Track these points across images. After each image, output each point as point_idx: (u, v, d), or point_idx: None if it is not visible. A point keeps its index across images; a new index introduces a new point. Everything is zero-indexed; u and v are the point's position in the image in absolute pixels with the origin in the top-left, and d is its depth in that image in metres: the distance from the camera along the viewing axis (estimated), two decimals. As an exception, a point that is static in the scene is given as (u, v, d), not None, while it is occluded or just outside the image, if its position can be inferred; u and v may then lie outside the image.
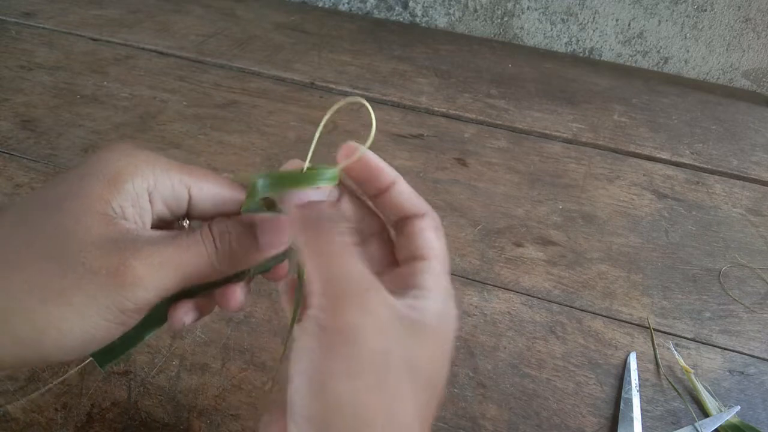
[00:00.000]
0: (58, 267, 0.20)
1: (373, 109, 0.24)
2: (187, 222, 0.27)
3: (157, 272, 0.22)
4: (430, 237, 0.24)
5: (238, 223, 0.25)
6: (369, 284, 0.21)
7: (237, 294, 0.27)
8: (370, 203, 0.26)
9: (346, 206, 0.26)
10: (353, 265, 0.21)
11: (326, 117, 0.23)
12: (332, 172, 0.23)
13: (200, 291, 0.27)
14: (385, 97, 0.71)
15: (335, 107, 0.23)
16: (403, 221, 0.25)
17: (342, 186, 0.26)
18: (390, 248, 0.26)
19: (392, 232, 0.26)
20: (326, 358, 0.19)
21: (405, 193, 0.25)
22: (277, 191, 0.23)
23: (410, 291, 0.23)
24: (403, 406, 0.20)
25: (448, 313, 0.23)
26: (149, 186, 0.23)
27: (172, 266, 0.22)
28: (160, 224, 0.25)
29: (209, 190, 0.25)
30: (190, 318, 0.26)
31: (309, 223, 0.22)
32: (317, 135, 0.23)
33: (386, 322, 0.20)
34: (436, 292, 0.23)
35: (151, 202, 0.24)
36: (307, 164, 0.24)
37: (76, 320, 0.21)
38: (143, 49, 0.79)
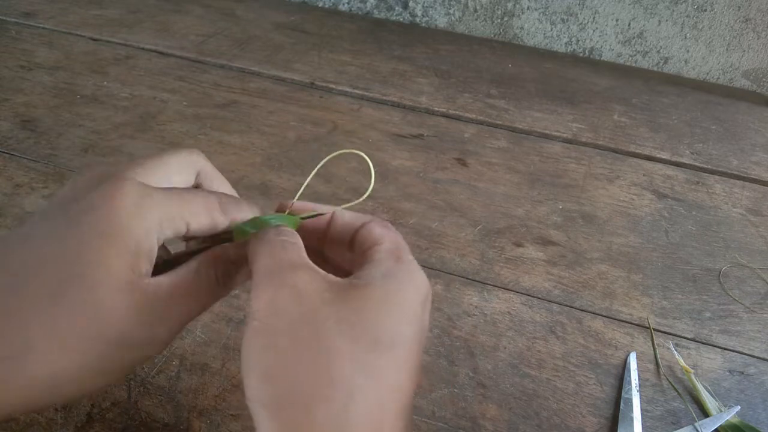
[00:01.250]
0: (98, 349, 0.21)
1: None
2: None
3: (176, 329, 0.24)
4: (378, 230, 0.26)
5: (234, 256, 0.27)
6: (296, 265, 0.23)
7: None
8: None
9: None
10: (284, 254, 0.23)
11: (321, 164, 0.27)
12: (295, 219, 0.27)
13: None
14: (385, 97, 0.71)
15: (330, 156, 0.27)
16: (353, 236, 0.27)
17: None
18: None
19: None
20: (253, 337, 0.21)
21: (345, 215, 0.27)
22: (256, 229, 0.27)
23: (359, 267, 0.24)
24: (338, 363, 0.20)
25: (397, 273, 0.23)
26: (158, 236, 0.24)
27: (187, 317, 0.24)
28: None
29: (205, 221, 0.26)
30: None
31: (258, 235, 0.25)
32: (310, 177, 0.27)
33: (308, 290, 0.22)
34: (381, 260, 0.24)
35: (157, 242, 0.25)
36: (296, 198, 0.28)
37: (101, 381, 0.22)
38: (143, 49, 0.79)
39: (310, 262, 0.24)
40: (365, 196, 0.26)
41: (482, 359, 0.41)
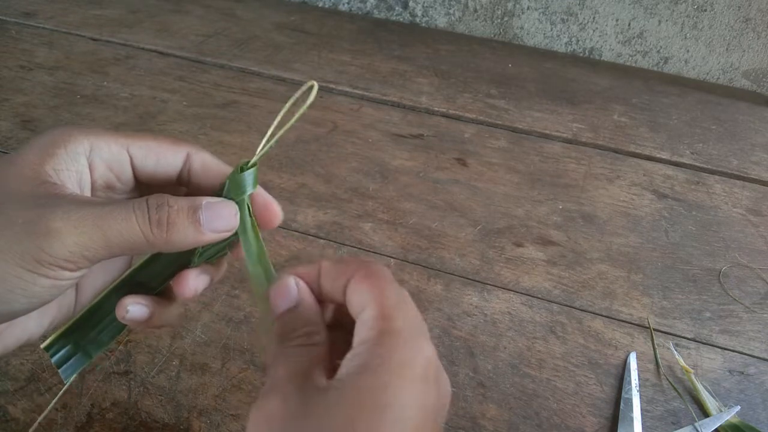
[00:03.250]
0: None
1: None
2: None
3: (75, 227, 0.21)
4: (361, 289, 0.22)
5: (181, 198, 0.23)
6: (275, 385, 0.21)
7: (188, 280, 0.26)
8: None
9: (306, 307, 0.24)
10: (283, 369, 0.21)
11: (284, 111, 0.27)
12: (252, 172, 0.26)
13: (154, 287, 0.27)
14: (385, 97, 0.71)
15: (292, 99, 0.26)
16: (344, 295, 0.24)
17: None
18: None
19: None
20: None
21: (331, 270, 0.24)
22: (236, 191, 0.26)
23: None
24: None
25: (376, 359, 0.19)
26: (84, 150, 0.24)
27: (94, 226, 0.21)
28: (110, 193, 0.26)
29: (149, 149, 0.25)
30: (137, 311, 0.26)
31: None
32: (275, 125, 0.27)
33: (275, 415, 0.20)
34: (363, 341, 0.20)
35: (91, 166, 0.24)
36: (260, 148, 0.26)
37: (12, 266, 0.21)
38: (143, 49, 0.79)
39: (303, 374, 0.20)
40: (298, 115, 0.25)
41: (482, 359, 0.41)
